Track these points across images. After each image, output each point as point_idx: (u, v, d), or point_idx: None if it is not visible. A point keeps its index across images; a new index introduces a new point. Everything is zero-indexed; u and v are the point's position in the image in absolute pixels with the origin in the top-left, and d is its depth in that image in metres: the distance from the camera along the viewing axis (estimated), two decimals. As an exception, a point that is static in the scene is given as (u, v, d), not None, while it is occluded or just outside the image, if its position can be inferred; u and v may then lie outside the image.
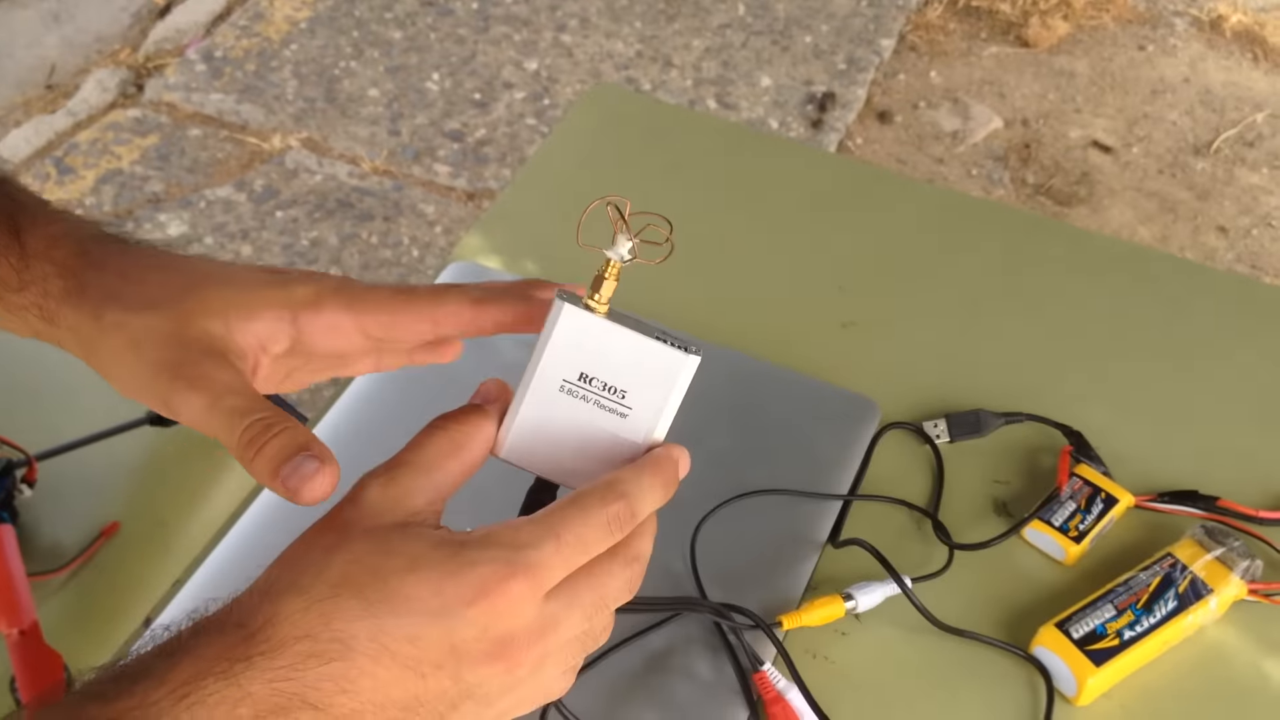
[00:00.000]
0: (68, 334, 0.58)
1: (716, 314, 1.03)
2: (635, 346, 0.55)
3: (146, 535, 1.26)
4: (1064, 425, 0.94)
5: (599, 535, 0.52)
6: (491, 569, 0.49)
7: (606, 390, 0.55)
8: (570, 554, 0.51)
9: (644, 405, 0.55)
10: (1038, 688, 0.81)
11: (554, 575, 0.50)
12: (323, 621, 0.47)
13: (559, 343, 0.55)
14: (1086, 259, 1.10)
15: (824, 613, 0.81)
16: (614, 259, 0.54)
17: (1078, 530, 0.87)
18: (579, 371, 0.55)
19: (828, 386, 0.96)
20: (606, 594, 0.53)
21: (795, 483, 0.90)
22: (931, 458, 0.94)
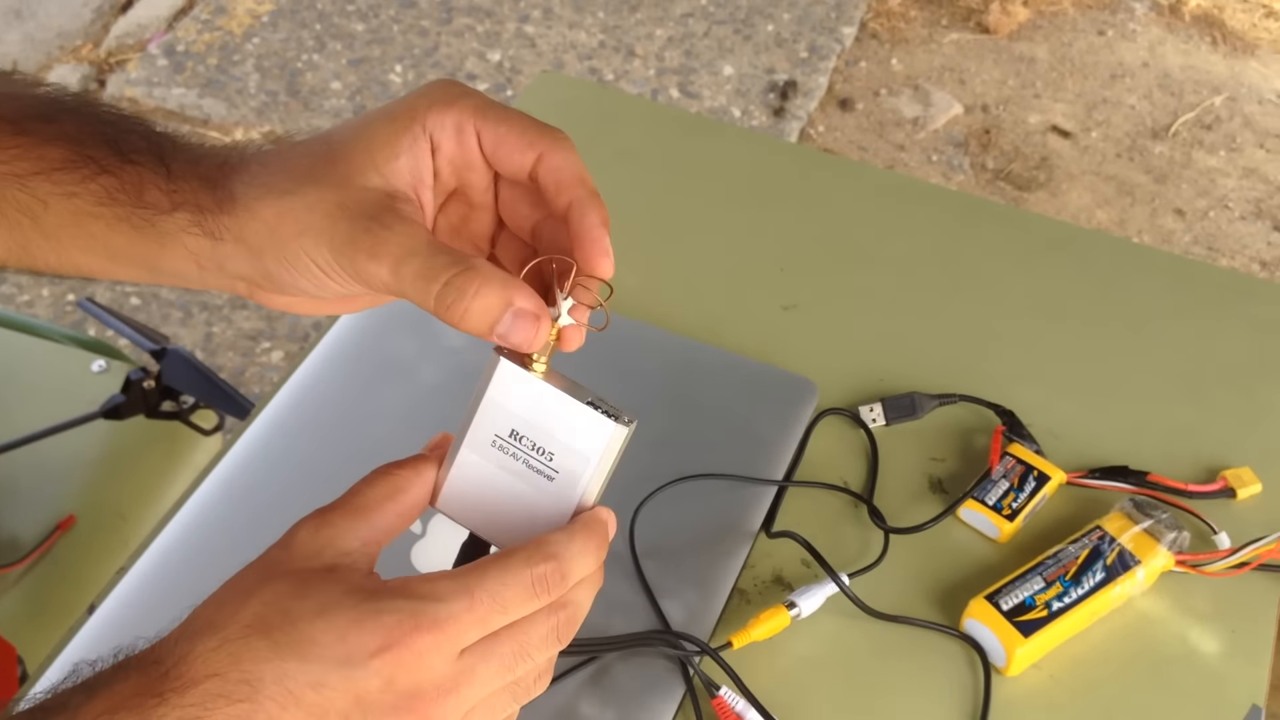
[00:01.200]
0: (233, 248, 0.55)
1: (658, 297, 1.04)
2: (567, 410, 0.54)
3: (103, 528, 1.28)
4: (996, 405, 0.96)
5: (520, 596, 0.50)
6: (396, 620, 0.48)
7: (536, 451, 0.55)
8: (485, 613, 0.50)
9: (571, 471, 0.55)
10: (976, 664, 0.82)
11: (466, 632, 0.49)
12: (231, 661, 0.47)
13: (493, 398, 0.54)
14: (1022, 240, 1.12)
15: (770, 625, 0.82)
16: (553, 318, 0.54)
17: (1010, 508, 0.88)
18: (510, 429, 0.55)
19: (766, 367, 0.98)
20: (528, 643, 0.52)
21: (734, 466, 0.91)
22: (867, 442, 0.95)
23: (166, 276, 0.58)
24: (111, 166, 0.56)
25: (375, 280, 0.52)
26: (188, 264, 0.56)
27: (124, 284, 2.29)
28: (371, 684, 0.47)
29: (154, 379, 1.30)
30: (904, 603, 0.85)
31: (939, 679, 0.82)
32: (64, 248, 0.58)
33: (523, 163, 0.55)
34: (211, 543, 0.86)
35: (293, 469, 0.90)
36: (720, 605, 0.84)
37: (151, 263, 0.57)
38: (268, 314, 2.28)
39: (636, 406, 0.93)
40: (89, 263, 0.58)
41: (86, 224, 0.56)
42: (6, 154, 0.56)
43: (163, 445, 1.35)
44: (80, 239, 0.57)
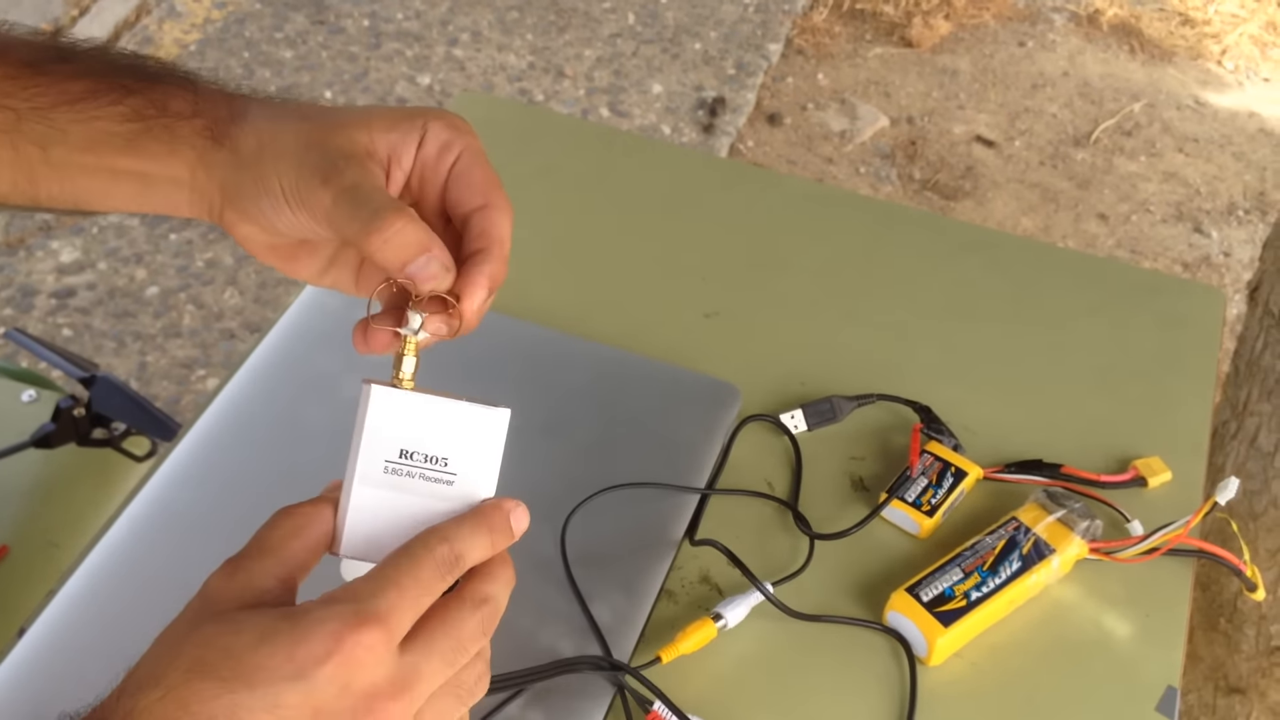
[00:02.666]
0: (227, 155, 0.60)
1: (581, 309, 1.05)
2: (446, 412, 0.57)
3: (36, 557, 1.27)
4: (913, 402, 0.98)
5: (432, 575, 0.53)
6: (340, 623, 0.49)
7: (429, 461, 0.57)
8: (413, 595, 0.52)
9: (466, 467, 0.58)
10: (901, 656, 0.84)
11: (402, 619, 0.51)
12: (180, 707, 0.47)
13: (374, 424, 0.57)
14: (940, 244, 1.14)
15: (698, 638, 0.83)
16: (408, 335, 0.58)
17: (930, 504, 0.90)
18: (399, 449, 0.57)
19: (689, 373, 0.99)
20: (462, 637, 0.54)
21: (660, 473, 0.92)
22: (788, 449, 0.97)
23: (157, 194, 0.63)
24: (139, 88, 0.62)
25: (318, 206, 0.57)
26: (182, 170, 0.61)
27: (56, 315, 2.27)
28: (327, 692, 0.49)
29: (84, 407, 1.30)
30: (829, 603, 0.87)
31: (866, 673, 0.84)
32: (69, 175, 0.63)
33: (469, 202, 0.61)
34: (141, 563, 0.86)
35: (221, 488, 0.91)
36: (648, 608, 0.86)
37: (149, 175, 0.62)
38: (202, 341, 2.28)
39: (562, 417, 0.95)
40: (88, 185, 0.63)
41: (99, 146, 0.61)
42: (28, 92, 0.61)
43: (95, 473, 1.34)
44: (87, 163, 0.62)
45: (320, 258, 0.66)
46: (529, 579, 0.86)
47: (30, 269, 2.35)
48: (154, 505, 0.90)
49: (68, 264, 2.38)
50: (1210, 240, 2.60)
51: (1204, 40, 3.14)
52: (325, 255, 0.66)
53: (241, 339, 2.27)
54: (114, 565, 0.86)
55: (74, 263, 2.38)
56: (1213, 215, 2.67)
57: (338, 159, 0.59)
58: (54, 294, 2.32)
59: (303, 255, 0.66)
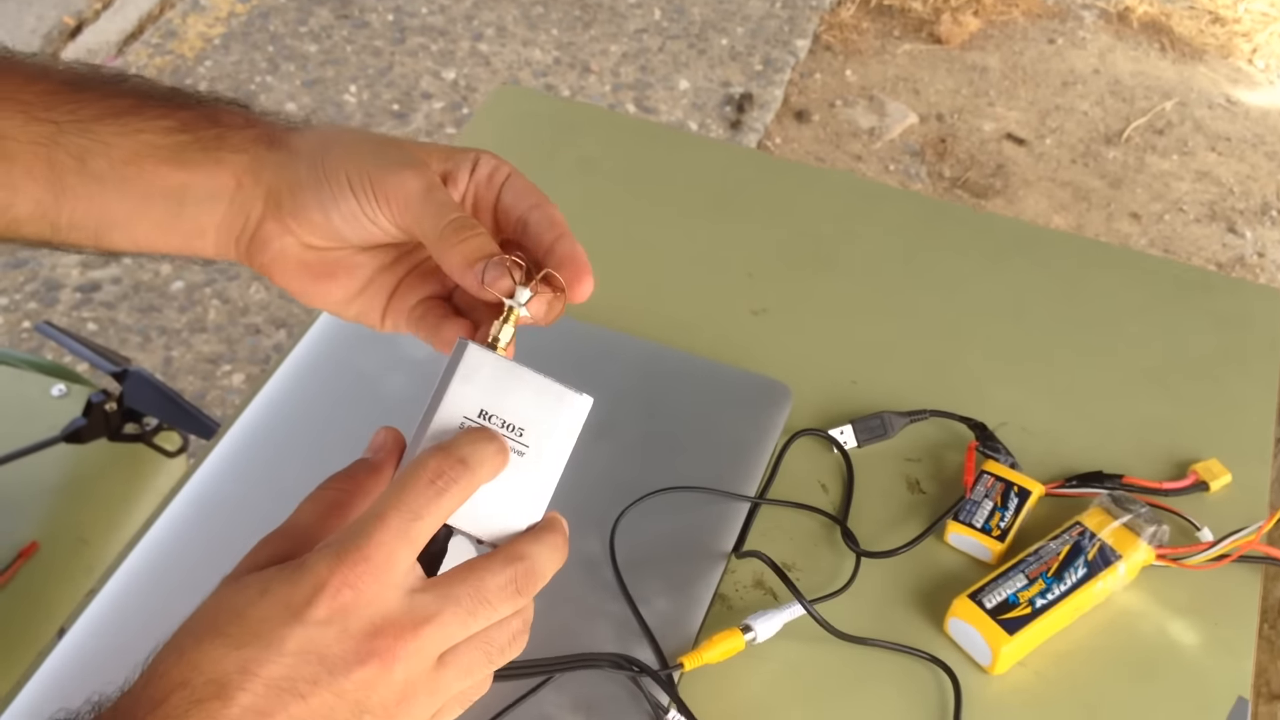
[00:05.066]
0: (280, 156, 0.60)
1: (624, 304, 1.03)
2: (534, 384, 0.57)
3: (66, 553, 1.25)
4: (968, 419, 0.95)
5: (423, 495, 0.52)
6: (324, 562, 0.49)
7: (505, 428, 0.57)
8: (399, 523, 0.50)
9: (541, 443, 0.57)
10: (947, 686, 0.81)
11: (395, 553, 0.50)
12: (193, 668, 0.47)
13: (463, 377, 0.56)
14: (986, 242, 1.12)
15: (723, 648, 0.80)
16: (514, 306, 0.58)
17: (1000, 528, 0.87)
18: (479, 408, 0.56)
19: (739, 371, 0.97)
20: (485, 589, 0.53)
21: (710, 476, 0.90)
22: (840, 462, 0.94)
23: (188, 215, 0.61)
24: (189, 104, 0.62)
25: (401, 189, 0.58)
26: (226, 180, 0.61)
27: (80, 310, 2.26)
28: (326, 635, 0.48)
29: (115, 401, 1.28)
30: (875, 626, 0.84)
31: (908, 703, 0.81)
32: (101, 193, 0.61)
33: (522, 203, 0.61)
34: (180, 564, 0.84)
35: (262, 486, 0.89)
36: (701, 613, 0.84)
37: (187, 190, 0.61)
38: (227, 337, 2.26)
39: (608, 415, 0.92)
40: (118, 208, 0.61)
41: (141, 159, 0.60)
42: (69, 105, 0.61)
43: (126, 468, 1.32)
44: (125, 178, 0.60)
45: (354, 279, 0.64)
46: (576, 579, 0.84)
47: (55, 263, 2.34)
48: (196, 504, 0.88)
49: (93, 259, 2.36)
50: (1244, 240, 2.57)
51: (1234, 39, 3.11)
52: (360, 278, 0.64)
53: (267, 334, 2.25)
54: (155, 564, 0.84)
55: (99, 257, 2.36)
56: (1246, 215, 2.64)
57: (416, 159, 0.60)
58: (79, 288, 2.31)
59: (339, 274, 0.64)
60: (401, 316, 0.65)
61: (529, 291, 0.58)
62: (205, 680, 0.47)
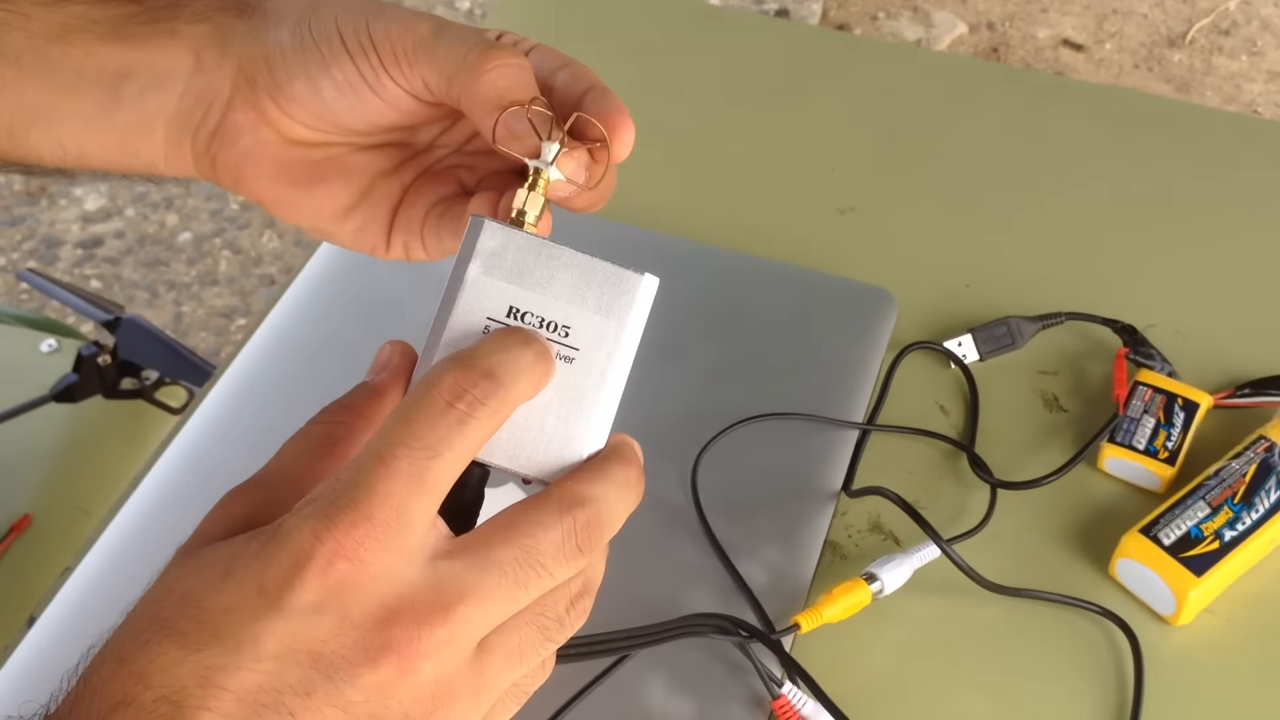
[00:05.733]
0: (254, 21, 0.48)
1: (690, 208, 0.88)
2: (578, 267, 0.43)
3: (64, 525, 1.14)
4: (1112, 321, 0.79)
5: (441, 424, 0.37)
6: (308, 525, 0.35)
7: (545, 328, 0.42)
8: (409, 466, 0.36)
9: (594, 343, 0.43)
10: (1119, 641, 0.66)
11: (406, 505, 0.36)
12: (138, 681, 0.33)
13: (481, 267, 0.42)
14: (1114, 118, 0.95)
15: (845, 604, 0.65)
16: (541, 168, 0.44)
17: (1167, 450, 0.72)
18: (507, 304, 0.42)
19: (831, 278, 0.82)
20: (537, 546, 0.38)
21: (807, 401, 0.75)
22: (953, 386, 0.79)
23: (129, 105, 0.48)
24: None
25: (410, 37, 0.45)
26: (182, 58, 0.48)
27: (83, 266, 2.12)
28: (317, 628, 0.34)
29: (109, 353, 1.16)
30: (1021, 573, 0.69)
31: (1070, 663, 0.66)
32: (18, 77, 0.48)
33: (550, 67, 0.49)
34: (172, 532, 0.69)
35: (259, 440, 0.73)
36: (811, 565, 0.69)
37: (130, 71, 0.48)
38: (240, 289, 2.12)
39: (681, 336, 0.77)
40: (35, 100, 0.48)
41: (70, 36, 0.47)
42: None
43: (125, 428, 1.20)
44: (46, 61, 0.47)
45: (349, 185, 0.50)
46: (651, 528, 0.69)
47: (53, 218, 2.20)
48: (184, 462, 0.74)
49: (93, 212, 2.22)
50: (1325, 142, 2.39)
51: (1297, -69, 2.91)
52: (357, 183, 0.50)
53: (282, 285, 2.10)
54: (141, 533, 0.70)
55: (99, 210, 2.22)
56: (1323, 116, 2.46)
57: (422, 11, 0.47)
58: (80, 244, 2.17)
59: (329, 177, 0.50)
60: (413, 229, 0.51)
61: (557, 145, 0.44)
62: (155, 698, 0.33)
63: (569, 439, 0.42)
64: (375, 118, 0.47)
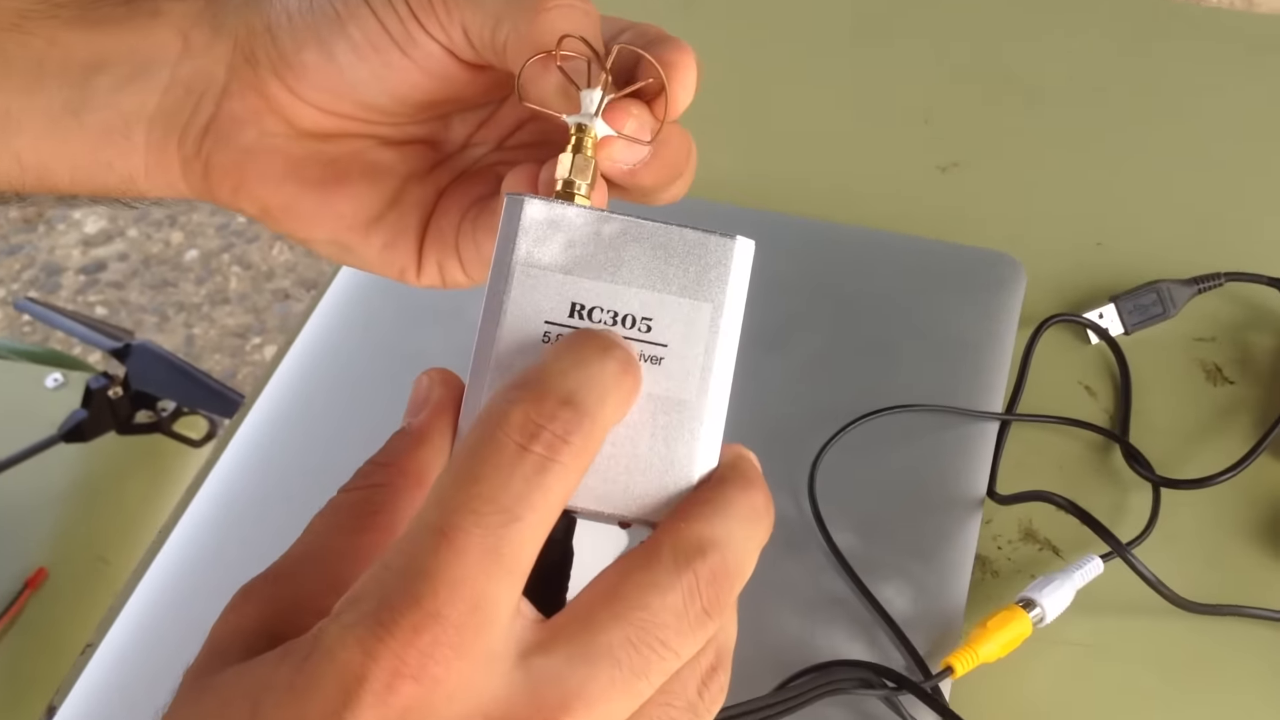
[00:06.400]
0: None
1: (767, 177, 0.79)
2: (651, 242, 0.34)
3: (83, 577, 1.08)
4: (1279, 279, 0.70)
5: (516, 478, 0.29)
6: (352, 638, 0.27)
7: (621, 324, 0.34)
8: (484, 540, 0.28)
9: (687, 334, 0.34)
10: None
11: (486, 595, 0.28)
12: None
13: (527, 260, 0.34)
14: (1251, 37, 0.86)
15: (1003, 638, 0.55)
16: (586, 124, 0.36)
17: None
18: (569, 303, 0.34)
19: (942, 245, 0.72)
20: (651, 619, 0.29)
21: (929, 390, 0.65)
22: (1098, 362, 0.68)
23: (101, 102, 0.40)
24: None
25: None
26: (168, 39, 0.41)
27: (87, 293, 2.04)
28: None
29: (120, 385, 1.09)
30: (1204, 584, 0.58)
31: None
32: None
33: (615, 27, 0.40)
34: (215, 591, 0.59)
35: (302, 473, 0.64)
36: (963, 587, 0.58)
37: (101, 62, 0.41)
38: (253, 306, 2.05)
39: (777, 321, 0.67)
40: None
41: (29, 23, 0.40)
42: None
43: (144, 466, 1.14)
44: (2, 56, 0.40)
45: (374, 187, 0.42)
46: (769, 553, 0.58)
47: (53, 244, 2.14)
48: (223, 500, 0.65)
49: (94, 235, 2.16)
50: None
51: None
52: (383, 186, 0.43)
53: (297, 299, 2.04)
54: (175, 595, 0.60)
55: (100, 232, 2.16)
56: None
57: None
58: (82, 269, 2.12)
59: (351, 177, 0.42)
60: (448, 242, 0.43)
61: (599, 92, 0.36)
62: None
63: (672, 462, 0.33)
64: (404, 89, 0.40)
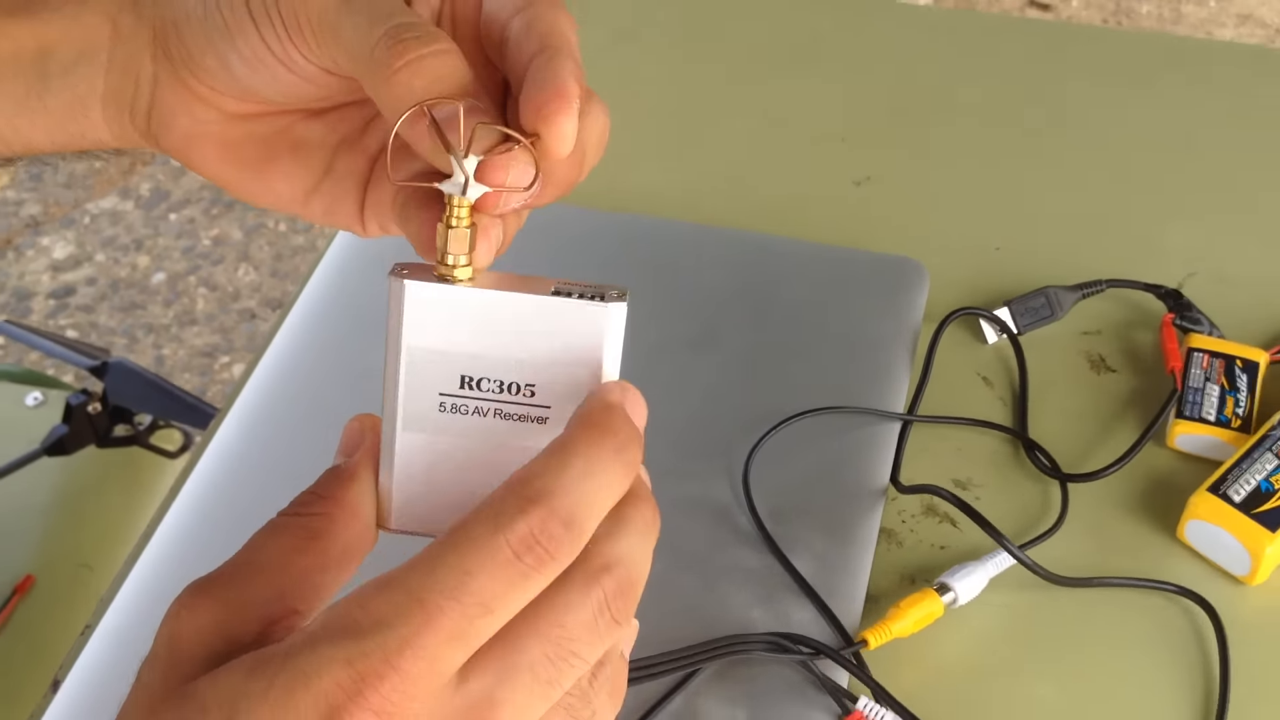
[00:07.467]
0: None
1: (698, 192, 0.85)
2: (528, 314, 0.36)
3: (67, 583, 1.12)
4: (1156, 286, 0.76)
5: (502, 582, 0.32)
6: (332, 680, 0.30)
7: (508, 391, 0.37)
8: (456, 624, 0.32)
9: (567, 394, 0.37)
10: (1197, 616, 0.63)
11: (440, 658, 0.32)
12: None
13: (415, 341, 0.37)
14: (1134, 63, 0.93)
15: (915, 617, 0.62)
16: (454, 195, 0.36)
17: (1239, 417, 0.69)
18: (459, 376, 0.37)
19: (857, 252, 0.78)
20: (566, 636, 0.33)
21: (844, 389, 0.72)
22: (995, 359, 0.75)
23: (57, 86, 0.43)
24: None
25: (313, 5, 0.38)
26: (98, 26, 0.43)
27: (57, 316, 2.08)
28: None
29: (99, 400, 1.12)
30: (1091, 560, 0.66)
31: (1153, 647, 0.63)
32: None
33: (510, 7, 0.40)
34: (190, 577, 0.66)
35: (274, 480, 0.69)
36: (866, 563, 0.65)
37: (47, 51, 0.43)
38: (220, 326, 2.08)
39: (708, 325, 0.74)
40: None
41: None
42: None
43: (122, 477, 1.18)
44: None
45: (306, 163, 0.44)
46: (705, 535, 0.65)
47: (22, 270, 2.16)
48: (198, 509, 0.70)
49: (62, 260, 2.19)
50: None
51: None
52: (314, 160, 0.45)
53: (263, 318, 2.08)
54: (159, 588, 0.66)
55: (69, 258, 2.19)
56: (1296, 55, 2.45)
57: None
58: (51, 294, 2.14)
59: (280, 157, 0.44)
60: (384, 204, 0.44)
61: (468, 161, 0.36)
62: None
63: None
64: (298, 92, 0.41)
